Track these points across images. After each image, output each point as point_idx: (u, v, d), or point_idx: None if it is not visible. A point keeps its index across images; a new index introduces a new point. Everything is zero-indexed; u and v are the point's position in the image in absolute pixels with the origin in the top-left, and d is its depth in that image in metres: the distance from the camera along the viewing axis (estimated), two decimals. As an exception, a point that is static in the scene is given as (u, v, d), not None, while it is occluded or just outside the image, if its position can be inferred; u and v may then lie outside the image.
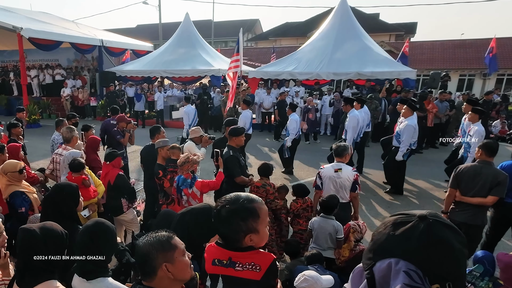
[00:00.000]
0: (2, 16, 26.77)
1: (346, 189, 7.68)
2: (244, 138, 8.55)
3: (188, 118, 16.30)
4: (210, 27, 53.49)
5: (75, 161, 7.33)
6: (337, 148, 7.95)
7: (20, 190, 6.49)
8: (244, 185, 8.18)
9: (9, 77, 32.36)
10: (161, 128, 9.61)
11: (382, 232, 2.08)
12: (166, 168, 7.84)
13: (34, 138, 17.74)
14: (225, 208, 3.00)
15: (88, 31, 32.44)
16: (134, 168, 13.91)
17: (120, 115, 12.14)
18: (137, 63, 30.12)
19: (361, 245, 6.61)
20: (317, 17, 51.56)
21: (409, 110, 11.93)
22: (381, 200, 12.05)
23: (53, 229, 3.57)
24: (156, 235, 2.99)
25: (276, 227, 8.22)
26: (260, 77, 25.18)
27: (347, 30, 24.52)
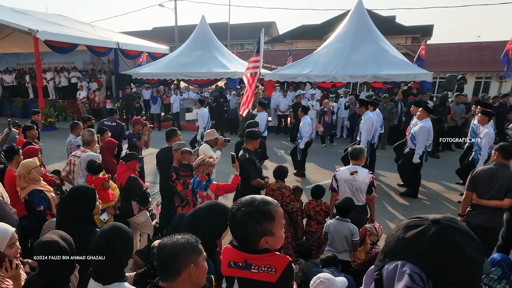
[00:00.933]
0: (18, 19, 26.85)
1: (362, 191, 7.65)
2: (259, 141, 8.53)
3: (203, 121, 16.27)
4: (226, 30, 53.47)
5: (96, 162, 7.38)
6: (353, 151, 7.91)
7: (39, 188, 6.56)
8: (260, 187, 8.14)
9: (25, 79, 32.34)
10: (178, 131, 9.56)
11: (394, 235, 2.10)
12: (180, 172, 7.79)
13: (50, 141, 17.77)
14: (240, 210, 3.00)
15: (104, 33, 32.49)
16: (150, 171, 13.90)
17: (136, 118, 12.19)
18: (153, 66, 30.16)
19: (376, 248, 6.59)
20: (333, 19, 51.35)
21: (424, 112, 11.89)
22: (397, 203, 12.02)
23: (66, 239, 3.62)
24: (184, 237, 3.01)
25: (292, 229, 8.18)
26: (276, 79, 25.15)
27: (363, 32, 24.46)
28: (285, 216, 7.72)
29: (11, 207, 6.36)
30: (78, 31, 29.64)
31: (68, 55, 31.14)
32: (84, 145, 8.75)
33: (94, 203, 4.95)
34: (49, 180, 8.16)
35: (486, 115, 11.39)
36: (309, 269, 5.89)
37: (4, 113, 27.91)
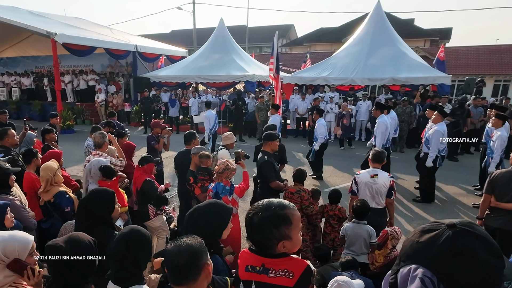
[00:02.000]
0: (36, 22, 26.93)
1: (382, 195, 7.63)
2: (278, 143, 8.53)
3: (209, 123, 16.52)
4: (244, 33, 53.50)
5: (107, 168, 7.34)
6: (375, 154, 7.88)
7: (64, 190, 6.63)
8: (279, 190, 8.15)
9: (43, 82, 32.39)
10: (196, 134, 9.60)
11: (410, 239, 2.12)
12: (198, 176, 7.79)
13: (68, 144, 17.78)
14: (257, 215, 3.01)
15: (122, 36, 32.56)
16: (168, 174, 13.85)
17: (154, 121, 12.20)
18: (171, 69, 30.22)
19: (395, 251, 6.52)
20: (351, 22, 51.41)
21: (439, 116, 11.80)
22: (415, 206, 11.98)
23: (80, 241, 3.63)
24: (194, 239, 3.00)
25: (310, 232, 8.20)
26: (294, 82, 25.09)
27: (382, 35, 24.46)
28: (304, 219, 7.82)
29: (30, 210, 6.38)
30: (96, 34, 29.73)
31: (86, 58, 31.18)
32: (96, 148, 8.71)
33: (113, 206, 4.94)
34: (73, 185, 8.19)
35: (500, 118, 11.39)
36: (327, 272, 5.88)
37: (22, 116, 27.82)
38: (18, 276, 3.53)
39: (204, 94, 27.90)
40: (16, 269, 3.48)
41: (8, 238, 3.50)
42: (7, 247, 3.44)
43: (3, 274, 3.44)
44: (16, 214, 5.33)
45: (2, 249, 3.41)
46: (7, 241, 3.47)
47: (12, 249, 3.45)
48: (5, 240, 3.47)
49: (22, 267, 3.51)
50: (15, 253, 3.46)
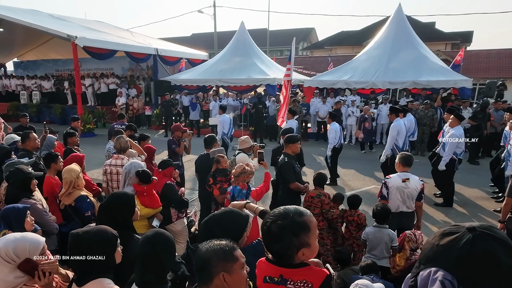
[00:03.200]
0: (57, 25, 27.07)
1: (413, 198, 7.64)
2: (300, 146, 8.52)
3: (223, 127, 16.46)
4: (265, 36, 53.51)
5: (145, 172, 7.32)
6: (404, 157, 7.89)
7: (85, 194, 6.66)
8: (299, 192, 8.13)
9: (63, 86, 32.53)
10: (217, 138, 9.72)
11: (430, 242, 2.12)
12: (216, 177, 7.83)
13: (89, 147, 17.83)
14: (275, 223, 3.00)
15: (143, 39, 32.68)
16: (189, 177, 13.83)
17: (175, 124, 12.33)
18: (192, 72, 30.24)
19: (416, 255, 6.51)
20: (373, 25, 51.09)
21: (456, 120, 11.81)
22: (436, 210, 12.00)
23: (99, 232, 3.65)
24: (220, 244, 2.99)
25: (331, 236, 8.20)
26: (315, 86, 25.08)
27: (403, 39, 24.44)
28: (324, 223, 7.89)
29: (51, 214, 6.43)
30: (117, 37, 29.84)
31: (107, 61, 31.33)
32: (119, 152, 8.68)
33: (134, 209, 4.96)
34: (94, 189, 8.26)
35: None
36: (348, 276, 5.92)
37: (42, 119, 27.85)
38: (29, 277, 3.56)
39: (225, 97, 27.81)
40: (27, 270, 3.52)
41: (19, 239, 3.54)
42: (18, 247, 3.48)
43: (13, 275, 3.48)
44: (38, 218, 5.40)
45: (13, 249, 3.45)
46: (18, 241, 3.51)
47: (23, 249, 3.49)
48: (17, 240, 3.52)
49: (33, 268, 3.54)
50: (26, 253, 3.50)
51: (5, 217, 4.65)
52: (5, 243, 3.49)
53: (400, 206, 7.58)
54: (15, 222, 4.45)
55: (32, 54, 39.30)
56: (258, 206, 4.74)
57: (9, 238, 3.56)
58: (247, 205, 4.70)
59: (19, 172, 5.99)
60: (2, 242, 3.51)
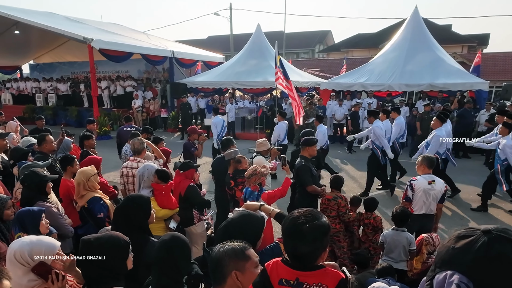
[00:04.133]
0: (73, 28, 27.13)
1: (436, 200, 7.69)
2: (317, 149, 8.62)
3: (216, 129, 16.54)
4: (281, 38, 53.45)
5: (164, 172, 7.41)
6: (428, 159, 7.89)
7: (98, 195, 6.67)
8: (316, 194, 8.14)
9: (79, 88, 32.55)
10: (233, 140, 9.57)
11: (445, 245, 2.14)
12: (237, 178, 7.79)
13: (105, 150, 17.75)
14: (309, 225, 2.97)
15: (159, 42, 32.66)
16: (205, 180, 13.84)
17: (191, 127, 12.27)
18: (208, 75, 30.24)
19: (433, 258, 6.37)
20: (389, 28, 50.95)
21: (438, 121, 12.19)
22: (454, 213, 11.99)
23: (111, 238, 3.64)
24: (231, 244, 3.05)
25: (348, 239, 8.20)
26: (332, 88, 25.06)
27: (419, 41, 24.37)
28: (341, 225, 7.91)
29: (67, 217, 6.42)
30: (133, 39, 29.89)
31: (123, 64, 31.59)
32: (135, 154, 8.68)
33: (150, 212, 4.99)
34: (110, 192, 8.24)
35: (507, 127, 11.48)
36: (365, 279, 5.87)
37: (58, 122, 28.05)
38: (42, 281, 3.57)
39: (241, 100, 28.00)
40: (41, 273, 3.54)
41: (35, 242, 3.57)
42: (34, 250, 3.50)
43: (27, 278, 3.50)
44: (53, 221, 5.38)
45: (29, 252, 3.47)
46: (34, 244, 3.54)
47: (38, 252, 3.51)
48: (33, 243, 3.55)
49: (47, 271, 3.56)
50: (42, 257, 3.52)
51: (20, 220, 4.64)
52: (20, 246, 3.50)
53: (423, 208, 7.58)
54: (30, 225, 4.44)
55: (48, 57, 39.48)
56: (274, 208, 4.74)
57: (24, 241, 3.57)
58: (262, 207, 4.70)
59: (34, 175, 5.98)
60: (17, 245, 3.52)
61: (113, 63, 30.90)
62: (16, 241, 3.63)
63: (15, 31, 30.04)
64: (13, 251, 3.50)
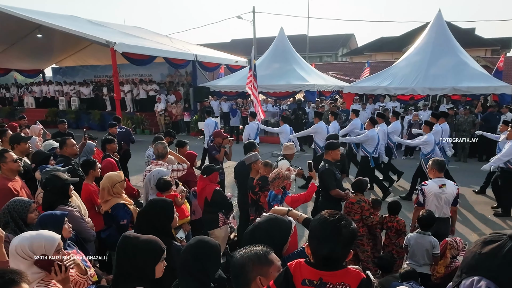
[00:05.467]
0: (95, 31, 27.19)
1: (449, 204, 7.71)
2: (340, 152, 8.64)
3: (209, 131, 16.70)
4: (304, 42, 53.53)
5: (161, 180, 7.34)
6: (439, 163, 7.96)
7: (122, 202, 6.67)
8: (340, 198, 8.17)
9: (102, 92, 32.58)
10: (256, 144, 9.69)
11: (471, 250, 2.14)
12: (264, 185, 7.72)
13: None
14: (349, 228, 2.99)
15: (182, 45, 32.66)
16: (228, 183, 13.80)
17: (216, 130, 12.60)
18: (231, 78, 30.28)
19: (456, 262, 6.57)
20: (412, 32, 50.71)
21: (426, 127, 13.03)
22: (476, 216, 11.90)
23: (148, 242, 3.73)
24: (254, 249, 3.08)
25: (371, 242, 8.19)
26: (355, 92, 25.07)
27: (443, 45, 24.28)
28: (364, 229, 7.90)
29: (89, 221, 6.42)
30: (155, 43, 29.89)
31: (145, 67, 31.61)
32: (158, 158, 8.67)
33: (173, 216, 5.02)
34: (134, 193, 8.61)
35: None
36: (389, 283, 6.02)
37: (81, 126, 28.03)
38: (46, 273, 3.66)
39: (264, 103, 27.80)
40: (43, 265, 3.62)
41: (35, 236, 3.69)
42: (34, 244, 3.61)
43: (30, 271, 3.54)
44: (75, 225, 5.41)
45: (29, 245, 3.58)
46: (34, 238, 3.66)
47: (39, 245, 3.62)
48: (33, 237, 3.66)
49: (49, 263, 3.64)
50: (42, 250, 3.63)
51: (42, 224, 4.62)
52: (20, 240, 3.62)
53: (436, 212, 7.52)
54: (52, 229, 4.28)
55: (70, 60, 39.68)
56: (302, 214, 4.71)
57: (24, 236, 3.70)
58: (289, 212, 4.65)
59: (56, 179, 5.95)
60: (17, 240, 3.65)
61: (136, 67, 30.96)
62: (17, 237, 3.74)
63: (38, 34, 30.17)
64: (14, 246, 3.59)
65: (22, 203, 5.21)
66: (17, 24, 27.65)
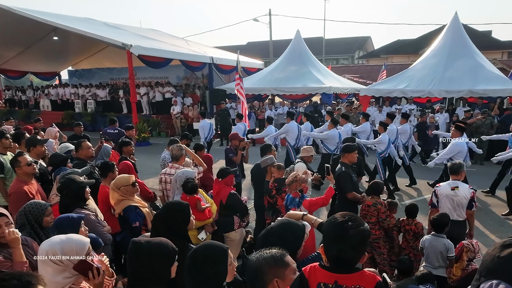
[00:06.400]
0: (111, 34, 27.36)
1: (463, 207, 7.67)
2: (357, 155, 8.66)
3: (204, 132, 17.41)
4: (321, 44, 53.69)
5: (189, 183, 7.31)
6: (453, 166, 7.97)
7: (134, 204, 6.59)
8: (356, 201, 8.18)
9: (118, 94, 32.66)
10: (272, 146, 9.75)
11: (490, 254, 2.12)
12: (281, 188, 7.73)
13: (144, 156, 17.92)
14: (356, 229, 2.99)
15: (198, 48, 32.77)
16: (244, 186, 13.87)
17: (233, 133, 12.49)
18: (248, 81, 29.84)
19: (473, 265, 6.55)
20: (429, 34, 50.45)
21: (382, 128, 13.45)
22: (493, 220, 11.82)
23: (161, 244, 3.70)
24: (270, 251, 3.09)
25: (387, 245, 8.15)
26: (371, 94, 25.01)
27: (459, 47, 24.25)
28: (381, 232, 7.86)
29: (106, 224, 6.43)
30: (172, 45, 29.99)
31: (161, 70, 31.71)
32: (173, 161, 8.69)
33: (189, 218, 5.02)
34: (150, 196, 8.54)
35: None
36: (406, 286, 6.07)
37: (97, 128, 28.24)
38: (80, 277, 3.68)
39: (280, 106, 28.08)
40: (81, 269, 3.60)
41: (65, 240, 3.66)
42: (65, 248, 3.58)
43: (62, 275, 3.57)
44: (91, 229, 5.40)
45: (61, 250, 3.56)
46: (65, 242, 3.63)
47: (70, 249, 3.60)
48: (63, 241, 3.63)
49: (88, 267, 3.63)
50: (74, 254, 3.60)
51: (59, 227, 4.65)
52: (51, 245, 3.60)
53: (450, 215, 7.45)
54: (69, 232, 4.27)
55: (86, 63, 39.86)
56: (317, 218, 4.71)
57: (54, 240, 3.68)
58: (304, 217, 4.67)
59: (72, 182, 5.97)
60: (47, 244, 3.63)
61: (152, 69, 30.94)
62: (45, 241, 3.71)
63: (54, 37, 30.32)
64: (44, 251, 3.56)
65: (38, 206, 5.20)
66: (33, 27, 27.81)
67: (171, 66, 29.15)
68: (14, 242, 4.21)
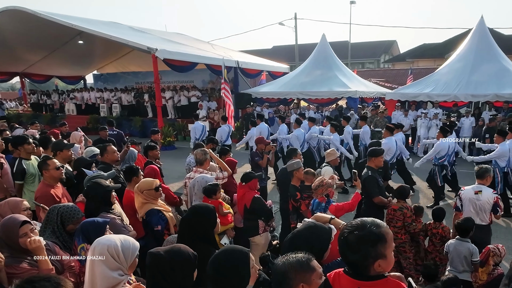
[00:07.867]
0: (137, 37, 27.47)
1: (486, 211, 7.69)
2: (383, 159, 8.69)
3: (195, 133, 17.59)
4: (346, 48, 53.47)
5: (211, 186, 7.31)
6: (479, 170, 7.99)
7: (156, 208, 6.57)
8: (383, 206, 8.19)
9: (143, 98, 32.74)
10: (298, 151, 9.74)
11: None
12: (304, 194, 7.79)
13: (169, 160, 17.97)
14: (353, 234, 3.02)
15: (223, 52, 32.67)
16: (269, 190, 13.72)
17: (259, 137, 12.61)
18: (273, 85, 30.19)
19: (499, 269, 6.53)
20: (454, 38, 50.10)
21: (387, 131, 13.34)
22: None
23: (180, 252, 3.69)
24: (295, 256, 3.10)
25: (413, 249, 8.19)
26: (397, 98, 24.94)
27: (485, 51, 24.09)
28: (407, 236, 7.92)
29: (131, 228, 6.41)
30: (197, 49, 30.09)
31: (187, 74, 31.69)
32: (197, 165, 8.69)
33: (215, 221, 5.07)
34: (175, 201, 8.53)
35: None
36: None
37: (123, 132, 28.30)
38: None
39: (306, 110, 27.94)
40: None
41: (123, 240, 3.78)
42: (124, 247, 3.72)
43: (117, 272, 3.62)
44: (116, 234, 5.22)
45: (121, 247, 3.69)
46: (123, 242, 3.76)
47: (127, 249, 3.73)
48: (122, 241, 3.75)
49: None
50: (129, 254, 3.72)
51: (84, 231, 4.72)
52: (109, 240, 3.72)
53: (474, 219, 7.45)
54: (94, 236, 4.30)
55: (112, 67, 40.18)
56: (344, 222, 4.60)
57: (112, 238, 3.79)
58: (332, 221, 4.68)
59: (98, 186, 6.01)
60: (105, 240, 3.74)
61: (177, 73, 31.05)
62: (102, 238, 3.81)
63: (79, 41, 30.62)
64: (106, 246, 3.63)
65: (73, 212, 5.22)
66: (58, 31, 28.05)
67: (196, 70, 29.13)
68: (38, 251, 4.19)
